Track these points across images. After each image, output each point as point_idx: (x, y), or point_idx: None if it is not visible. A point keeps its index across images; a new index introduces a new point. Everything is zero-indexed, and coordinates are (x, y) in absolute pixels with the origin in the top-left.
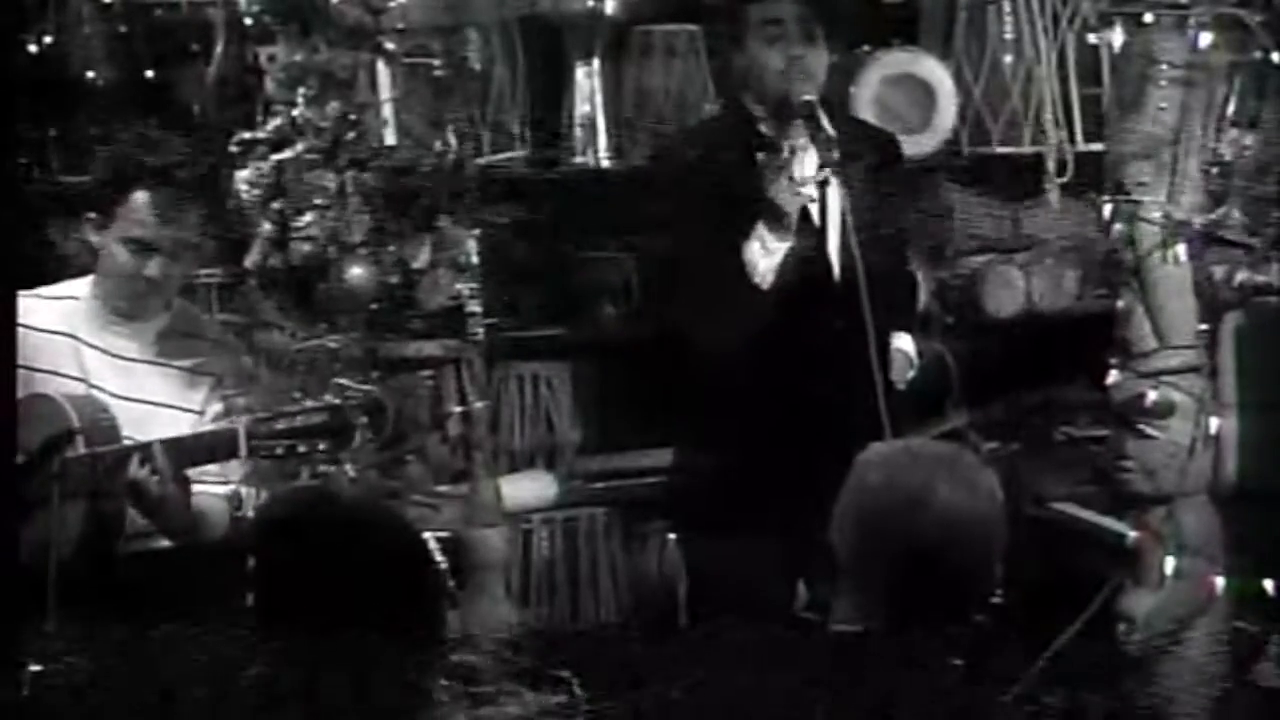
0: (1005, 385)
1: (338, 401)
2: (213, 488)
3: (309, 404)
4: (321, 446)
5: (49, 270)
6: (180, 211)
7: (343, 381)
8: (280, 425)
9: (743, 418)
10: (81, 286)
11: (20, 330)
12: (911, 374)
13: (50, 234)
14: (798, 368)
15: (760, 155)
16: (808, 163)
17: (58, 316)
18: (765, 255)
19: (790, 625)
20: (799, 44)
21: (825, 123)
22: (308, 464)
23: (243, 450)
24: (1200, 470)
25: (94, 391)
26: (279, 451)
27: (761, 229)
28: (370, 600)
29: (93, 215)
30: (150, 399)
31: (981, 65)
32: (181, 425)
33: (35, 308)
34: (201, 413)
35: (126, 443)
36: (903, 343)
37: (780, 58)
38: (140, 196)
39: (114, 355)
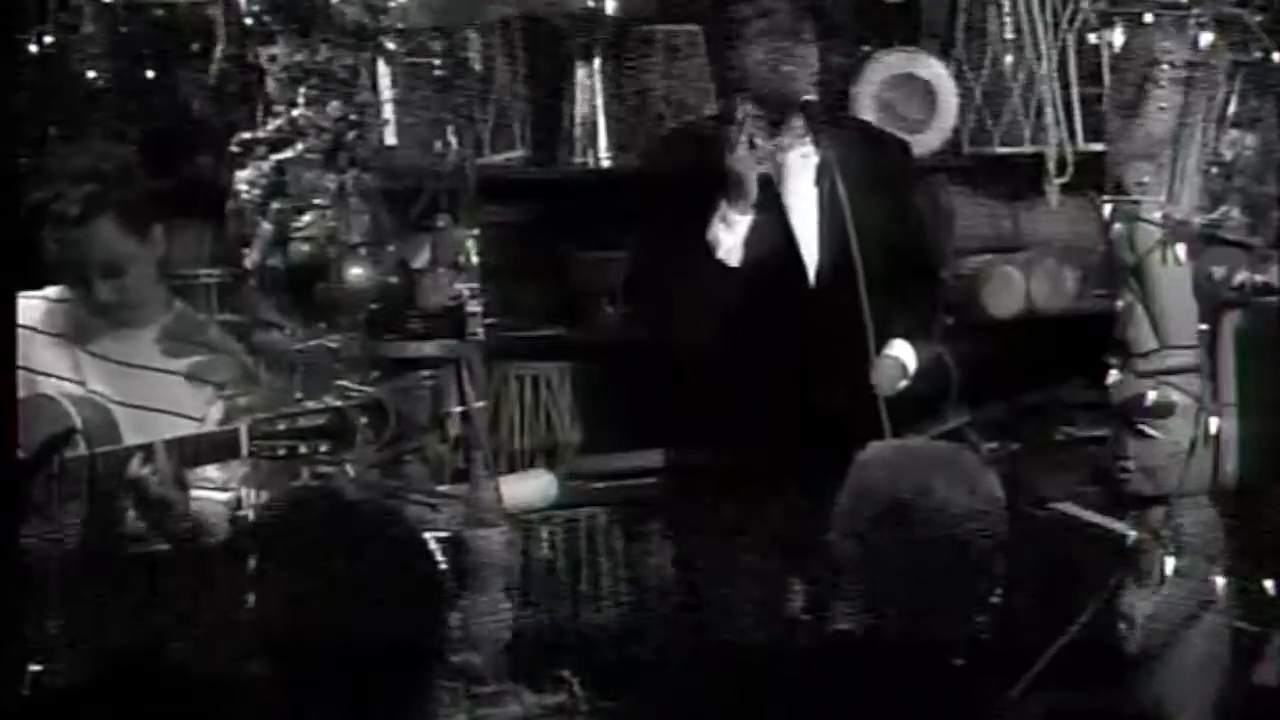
0: (1005, 385)
1: (339, 403)
2: (214, 493)
3: (310, 405)
4: (323, 448)
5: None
6: (111, 235)
7: (344, 384)
8: (282, 426)
9: (739, 417)
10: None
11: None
12: (904, 384)
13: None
14: (797, 368)
15: (716, 124)
16: (795, 163)
17: (54, 319)
18: (727, 230)
19: (788, 626)
20: (786, 40)
21: (823, 122)
22: (309, 465)
23: (244, 451)
24: (1200, 470)
25: (93, 395)
26: (280, 452)
27: (722, 204)
28: (370, 600)
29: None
30: (149, 405)
31: (981, 65)
32: (182, 432)
33: (30, 309)
34: (202, 419)
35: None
36: (899, 350)
37: (769, 53)
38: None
39: (110, 360)
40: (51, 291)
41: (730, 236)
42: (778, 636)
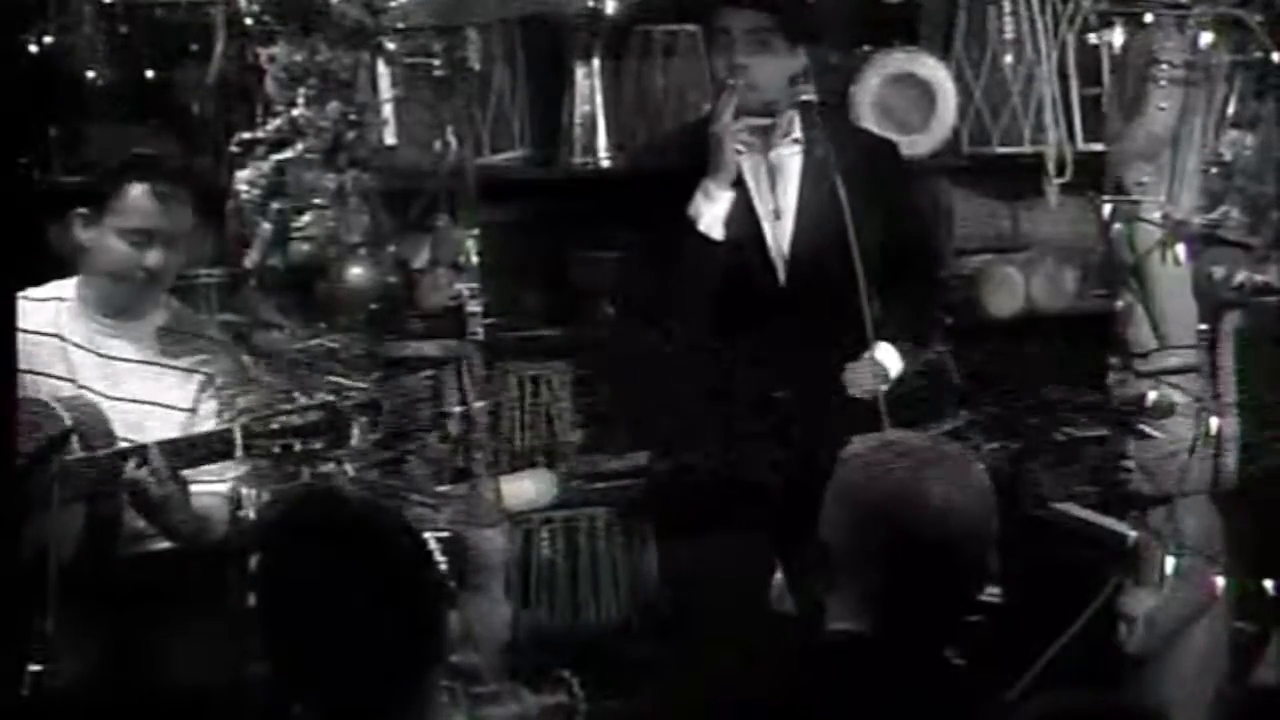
0: (1005, 385)
1: (332, 399)
2: (212, 486)
3: (303, 402)
4: (317, 445)
5: (46, 271)
6: (179, 202)
7: (337, 379)
8: (275, 425)
9: (737, 416)
10: (68, 288)
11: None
12: (885, 388)
13: (49, 234)
14: (795, 367)
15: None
16: (783, 161)
17: (44, 318)
18: (708, 202)
19: (782, 624)
20: (745, 54)
21: (817, 125)
22: (305, 463)
23: (238, 450)
24: (1200, 470)
25: (84, 393)
26: (275, 451)
27: (704, 179)
28: (370, 600)
29: (85, 210)
30: (141, 399)
31: (981, 65)
32: (173, 425)
33: (21, 309)
34: (194, 411)
35: (122, 445)
36: (880, 354)
37: (727, 65)
38: (141, 187)
39: (103, 355)
40: (44, 290)
41: (710, 210)
42: (775, 636)
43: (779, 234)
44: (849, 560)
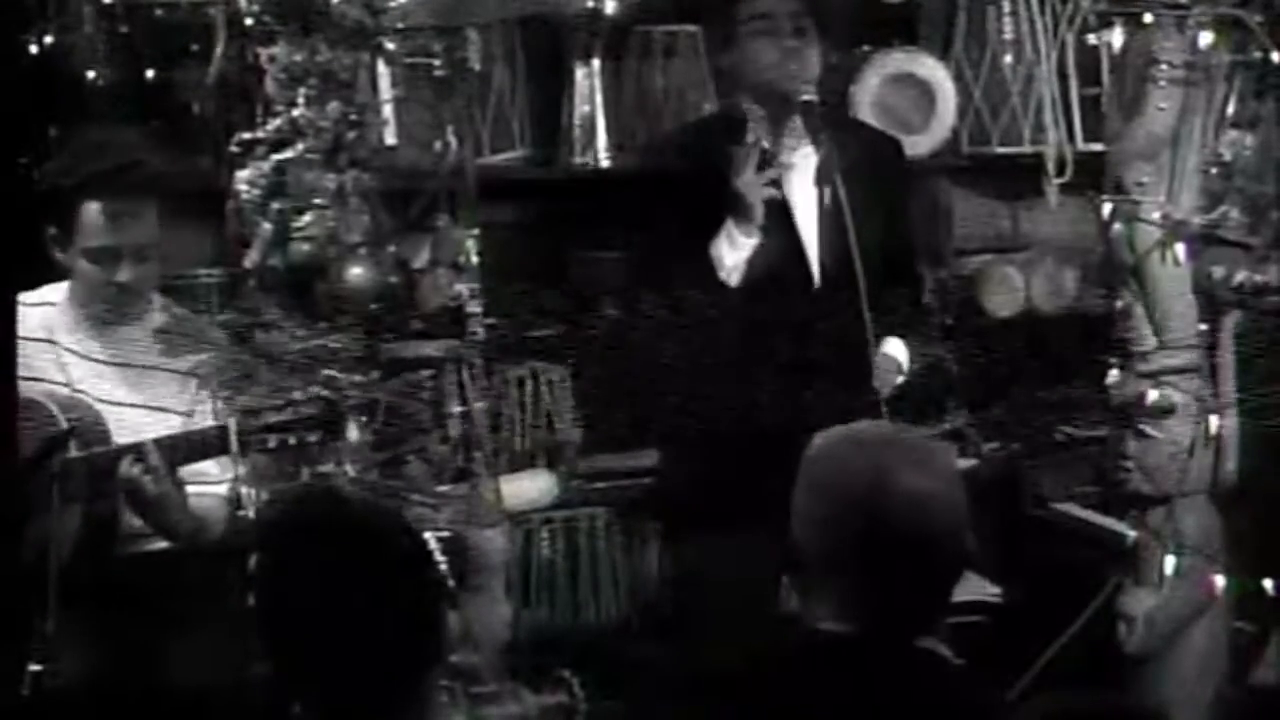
0: (1005, 385)
1: (326, 393)
2: (212, 487)
3: (297, 396)
4: (312, 439)
5: (46, 272)
6: (138, 216)
7: (337, 379)
8: (270, 420)
9: (736, 420)
10: (60, 291)
11: None
12: (900, 380)
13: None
14: (796, 371)
15: (718, 123)
16: (797, 164)
17: (37, 322)
18: (732, 250)
19: (782, 625)
20: (790, 38)
21: (822, 123)
22: (301, 459)
23: (233, 446)
24: (1200, 470)
25: (80, 396)
26: (271, 445)
27: (729, 223)
28: (370, 600)
29: (54, 231)
30: (137, 403)
31: (981, 65)
32: (170, 429)
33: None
34: (190, 414)
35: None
36: (892, 348)
37: (772, 50)
38: (94, 206)
39: (96, 360)
40: (36, 295)
41: (734, 256)
42: (776, 637)
43: (808, 236)
44: (824, 558)
